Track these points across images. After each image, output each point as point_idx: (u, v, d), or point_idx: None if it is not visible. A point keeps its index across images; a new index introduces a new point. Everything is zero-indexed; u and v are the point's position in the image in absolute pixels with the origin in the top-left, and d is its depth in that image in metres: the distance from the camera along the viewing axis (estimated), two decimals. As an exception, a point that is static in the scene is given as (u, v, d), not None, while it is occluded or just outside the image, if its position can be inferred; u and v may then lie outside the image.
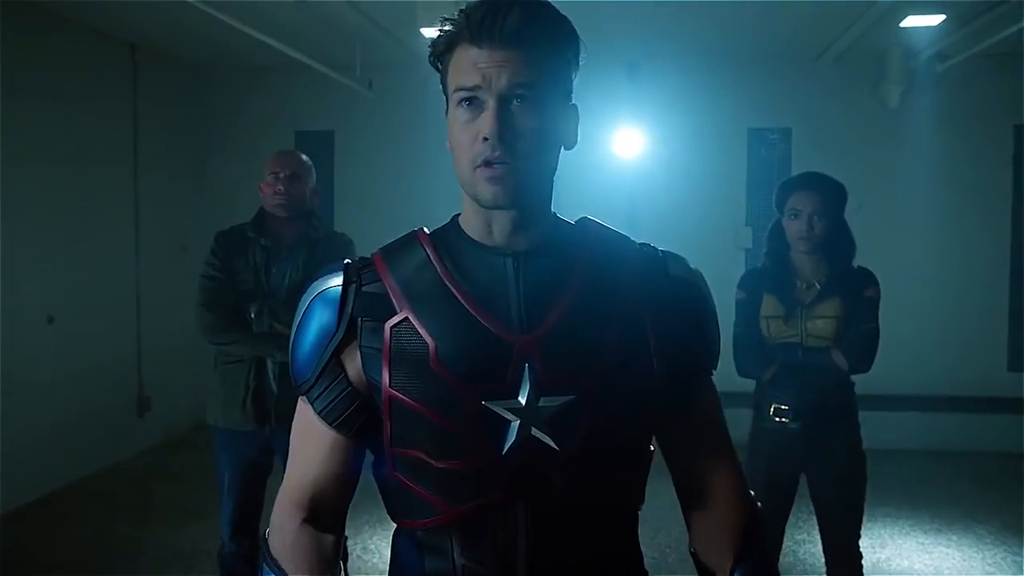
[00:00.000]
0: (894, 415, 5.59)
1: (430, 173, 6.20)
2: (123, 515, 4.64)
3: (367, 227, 3.26)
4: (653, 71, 6.06)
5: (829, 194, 2.71)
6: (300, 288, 2.81)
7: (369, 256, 1.16)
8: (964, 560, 4.10)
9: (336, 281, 1.13)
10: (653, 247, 1.19)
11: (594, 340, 1.08)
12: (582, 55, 1.12)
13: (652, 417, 1.15)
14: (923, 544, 4.30)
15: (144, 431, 5.85)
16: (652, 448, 1.19)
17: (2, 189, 4.52)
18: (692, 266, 1.20)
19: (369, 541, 4.14)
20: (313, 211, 3.04)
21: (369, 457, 1.18)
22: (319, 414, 1.14)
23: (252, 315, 2.83)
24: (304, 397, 1.16)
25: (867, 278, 2.72)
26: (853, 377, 2.76)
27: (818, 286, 2.72)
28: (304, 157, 3.06)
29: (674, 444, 1.20)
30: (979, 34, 4.93)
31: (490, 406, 1.06)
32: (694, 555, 1.23)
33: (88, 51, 5.37)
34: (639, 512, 1.20)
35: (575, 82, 1.13)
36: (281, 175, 2.94)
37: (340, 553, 1.19)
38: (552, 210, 1.16)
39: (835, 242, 2.72)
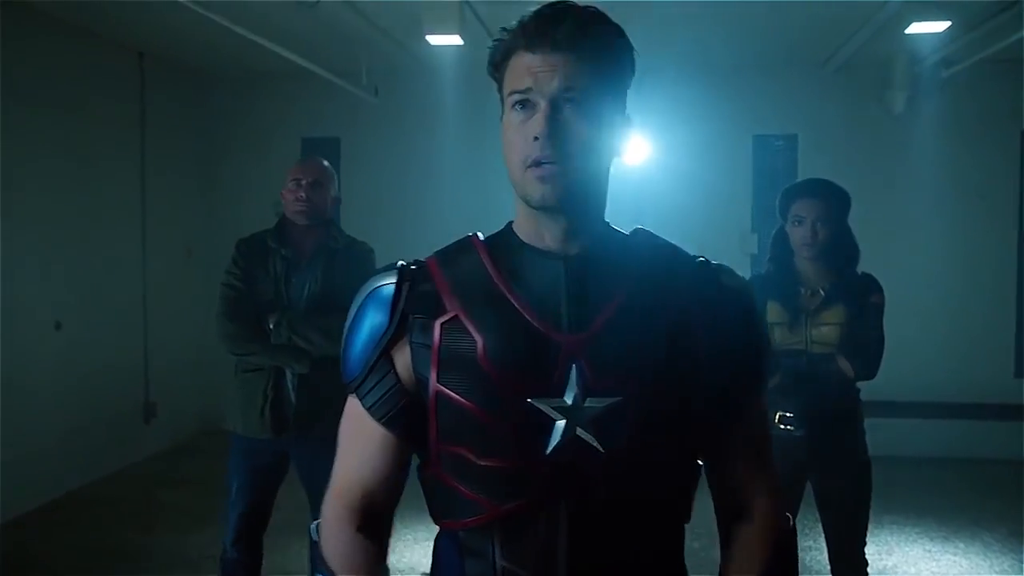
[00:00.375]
0: (900, 422, 5.58)
1: (436, 179, 6.25)
2: (129, 521, 4.65)
3: (374, 233, 3.27)
4: (658, 77, 6.06)
5: (833, 200, 2.71)
6: (319, 299, 2.84)
7: (423, 259, 1.18)
8: (971, 567, 4.08)
9: (389, 280, 1.15)
10: (707, 259, 1.19)
11: (641, 343, 1.09)
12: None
13: (699, 426, 1.14)
14: (930, 551, 4.29)
15: (150, 437, 5.87)
16: (699, 463, 1.19)
17: (10, 194, 4.55)
18: (744, 278, 1.20)
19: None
20: (332, 220, 3.02)
21: (414, 460, 1.19)
22: (368, 409, 1.15)
23: (271, 326, 2.83)
24: (354, 394, 1.17)
25: (871, 284, 2.72)
26: (858, 384, 2.75)
27: (822, 293, 2.72)
28: (326, 164, 3.04)
29: (718, 457, 1.19)
30: (984, 40, 4.92)
31: (536, 404, 1.06)
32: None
33: (96, 59, 5.40)
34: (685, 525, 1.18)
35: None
36: (303, 182, 2.91)
37: (386, 558, 1.20)
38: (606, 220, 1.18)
39: (839, 248, 2.72)
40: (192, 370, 6.17)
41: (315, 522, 1.21)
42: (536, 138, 1.06)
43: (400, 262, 1.18)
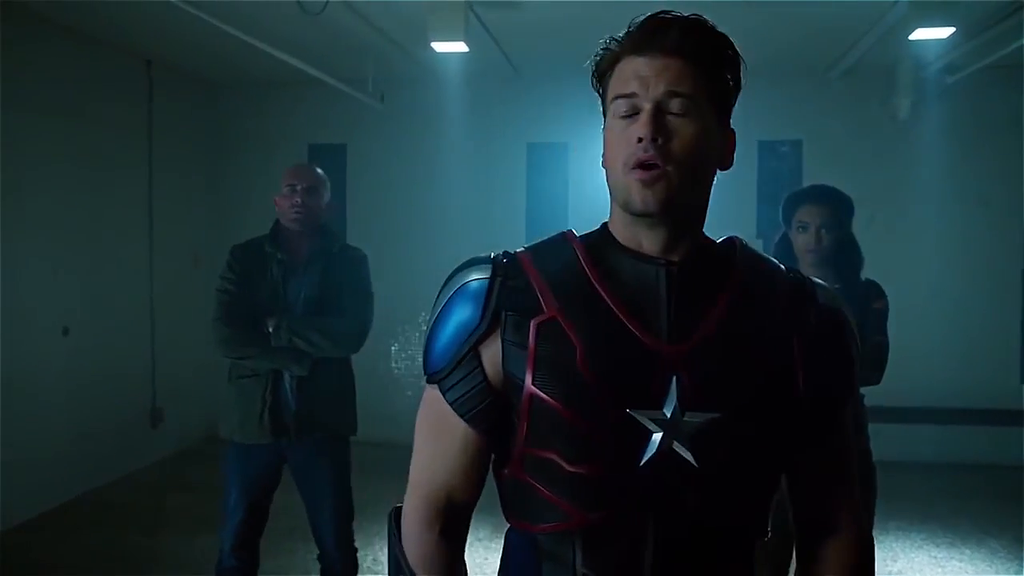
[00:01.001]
0: (905, 428, 5.56)
1: (442, 184, 6.27)
2: (136, 525, 4.67)
3: (380, 238, 3.30)
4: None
5: (837, 206, 2.72)
6: (315, 303, 2.87)
7: (513, 251, 1.15)
8: (977, 573, 4.08)
9: (479, 274, 1.12)
10: (801, 273, 1.18)
11: (743, 358, 1.07)
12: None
13: (790, 444, 1.13)
14: (935, 558, 4.28)
15: (157, 442, 5.89)
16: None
17: (18, 200, 4.58)
18: (838, 294, 1.20)
19: (380, 553, 4.14)
20: (327, 225, 3.05)
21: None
22: (452, 404, 1.12)
23: (270, 329, 2.84)
24: (436, 387, 1.14)
25: (875, 290, 2.72)
26: (862, 389, 2.75)
27: (826, 298, 2.72)
28: (319, 171, 3.08)
29: (803, 473, 1.18)
30: (988, 47, 4.93)
31: (635, 415, 1.05)
32: None
33: (104, 66, 5.43)
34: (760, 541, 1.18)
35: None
36: (298, 187, 2.94)
37: (463, 557, 1.20)
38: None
39: (843, 255, 2.72)
40: (199, 375, 6.18)
41: (395, 507, 1.20)
42: (640, 139, 1.05)
43: (492, 254, 1.14)
